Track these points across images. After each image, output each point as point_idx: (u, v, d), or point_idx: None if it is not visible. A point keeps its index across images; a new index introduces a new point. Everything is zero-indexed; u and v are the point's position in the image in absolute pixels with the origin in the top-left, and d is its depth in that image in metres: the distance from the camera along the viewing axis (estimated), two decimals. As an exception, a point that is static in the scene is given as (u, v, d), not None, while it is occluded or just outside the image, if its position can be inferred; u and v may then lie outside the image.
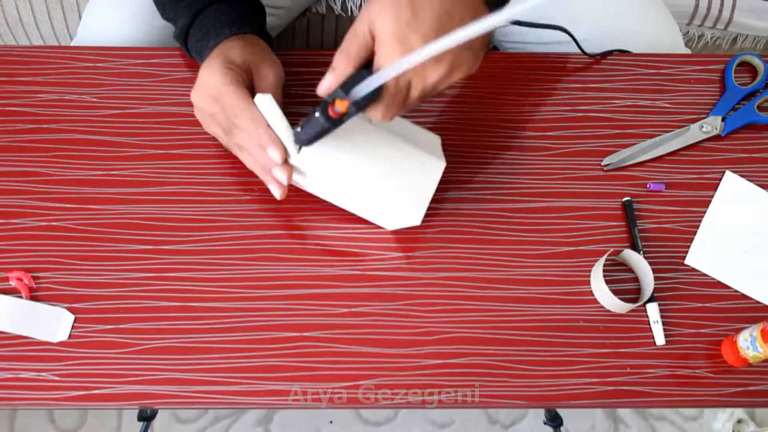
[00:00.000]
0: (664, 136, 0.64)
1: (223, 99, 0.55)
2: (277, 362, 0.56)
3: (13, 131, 0.63)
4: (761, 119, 0.65)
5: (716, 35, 0.99)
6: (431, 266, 0.60)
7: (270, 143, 0.54)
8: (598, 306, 0.59)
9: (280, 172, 0.55)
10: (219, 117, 0.56)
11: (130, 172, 0.62)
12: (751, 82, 0.68)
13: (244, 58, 0.57)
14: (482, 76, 0.67)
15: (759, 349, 0.53)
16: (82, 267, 0.59)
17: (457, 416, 1.23)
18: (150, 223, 0.60)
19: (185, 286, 0.58)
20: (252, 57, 0.58)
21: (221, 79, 0.55)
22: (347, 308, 0.58)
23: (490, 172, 0.63)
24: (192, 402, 0.55)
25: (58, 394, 0.55)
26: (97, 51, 0.67)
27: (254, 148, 0.55)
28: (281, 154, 0.54)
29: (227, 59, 0.56)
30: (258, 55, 0.58)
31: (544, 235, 0.61)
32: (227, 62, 0.56)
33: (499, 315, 0.58)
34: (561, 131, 0.65)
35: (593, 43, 0.73)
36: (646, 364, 0.57)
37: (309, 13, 0.92)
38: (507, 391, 0.56)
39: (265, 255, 0.60)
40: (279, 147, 0.54)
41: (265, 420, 1.21)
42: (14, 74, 0.66)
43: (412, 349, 0.57)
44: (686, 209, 0.63)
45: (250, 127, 0.54)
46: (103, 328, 0.57)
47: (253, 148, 0.55)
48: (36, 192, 0.61)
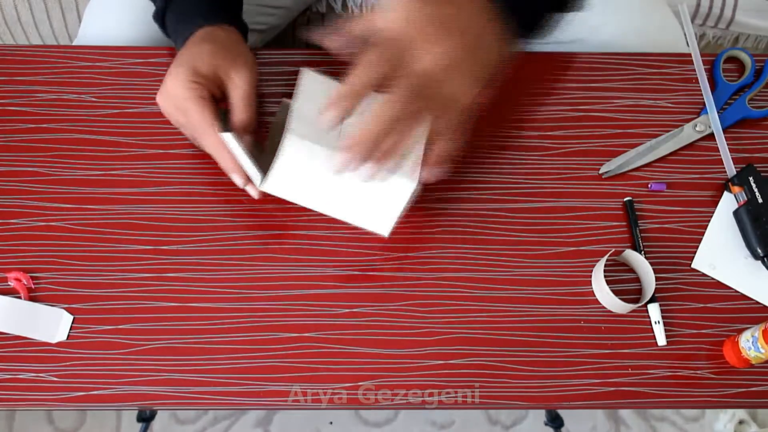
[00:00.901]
0: (659, 139, 0.64)
1: (189, 114, 0.55)
2: (277, 363, 0.56)
3: (12, 131, 0.63)
4: (754, 113, 0.65)
5: (718, 35, 0.99)
6: (431, 266, 0.60)
7: (232, 172, 0.55)
8: (599, 306, 0.59)
9: (250, 189, 0.57)
10: (185, 127, 0.57)
11: (129, 172, 0.62)
12: (739, 77, 0.67)
13: (213, 67, 0.55)
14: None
15: (761, 349, 0.53)
16: (81, 267, 0.59)
17: (457, 417, 1.23)
18: (149, 223, 0.60)
19: (185, 286, 0.58)
20: (222, 62, 0.55)
21: (185, 93, 0.54)
22: (347, 308, 0.58)
23: (491, 172, 0.63)
24: (191, 403, 0.55)
25: (57, 395, 0.55)
26: (97, 51, 0.67)
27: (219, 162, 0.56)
28: (243, 181, 0.56)
29: (194, 70, 0.54)
30: (229, 59, 0.56)
31: (545, 235, 0.61)
32: (193, 74, 0.54)
33: (500, 315, 0.58)
34: (561, 131, 0.65)
35: (593, 42, 0.73)
36: (647, 364, 0.57)
37: (309, 12, 0.92)
38: (507, 391, 0.56)
39: (265, 255, 0.59)
40: (241, 175, 0.55)
41: (265, 421, 1.21)
42: (13, 74, 0.65)
43: (412, 350, 0.57)
44: (688, 209, 0.62)
45: (212, 151, 0.55)
46: (102, 329, 0.57)
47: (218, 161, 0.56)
48: (35, 192, 0.61)
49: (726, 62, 0.68)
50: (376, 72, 0.47)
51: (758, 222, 0.60)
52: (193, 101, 0.54)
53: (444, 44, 0.47)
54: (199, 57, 0.55)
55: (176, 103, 0.55)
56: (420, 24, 0.47)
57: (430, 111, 0.49)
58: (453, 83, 0.48)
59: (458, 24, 0.48)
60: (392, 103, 0.47)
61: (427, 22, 0.47)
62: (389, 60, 0.47)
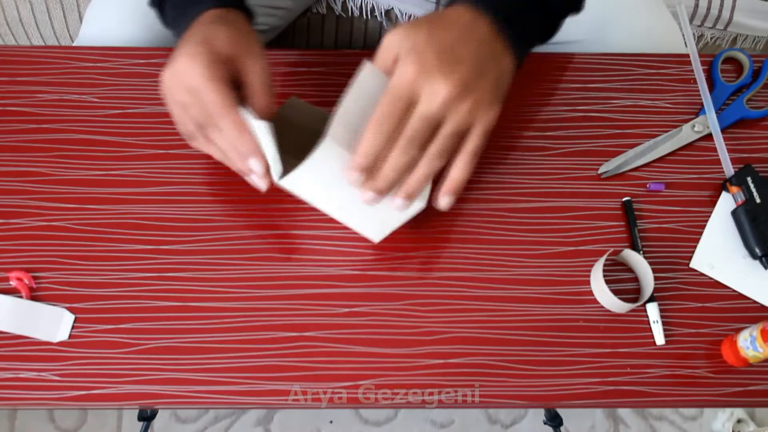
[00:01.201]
0: (657, 139, 0.64)
1: (202, 95, 0.50)
2: (277, 362, 0.56)
3: (13, 131, 0.63)
4: (752, 114, 0.65)
5: (716, 35, 0.99)
6: (431, 266, 0.60)
7: (252, 155, 0.52)
8: (598, 306, 0.59)
9: (257, 182, 0.53)
10: (192, 110, 0.52)
11: (130, 172, 0.62)
12: (737, 78, 0.68)
13: (230, 50, 0.52)
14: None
15: (759, 348, 0.53)
16: (82, 267, 0.59)
17: (457, 416, 1.23)
18: (150, 223, 0.60)
19: (185, 286, 0.58)
20: (237, 47, 0.52)
21: (204, 71, 0.50)
22: (347, 308, 0.58)
23: (490, 172, 0.63)
24: (192, 402, 0.55)
25: (58, 394, 0.55)
26: (97, 51, 0.67)
27: (231, 151, 0.52)
28: (263, 167, 0.52)
29: (212, 50, 0.51)
30: (243, 45, 0.53)
31: (544, 234, 0.61)
32: (212, 53, 0.50)
33: (499, 315, 0.58)
34: (560, 131, 0.65)
35: (593, 43, 0.73)
36: (645, 363, 0.57)
37: (309, 13, 0.92)
38: (507, 390, 0.56)
39: (265, 255, 0.60)
40: (261, 160, 0.52)
41: (265, 420, 1.21)
42: (14, 74, 0.66)
43: (412, 349, 0.57)
44: (686, 209, 0.63)
45: (233, 133, 0.51)
46: (103, 328, 0.57)
47: (229, 151, 0.53)
48: (36, 192, 0.61)
49: (724, 63, 0.68)
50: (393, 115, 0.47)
51: (756, 222, 0.60)
52: (212, 81, 0.50)
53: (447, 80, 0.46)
54: (217, 38, 0.52)
55: (187, 82, 0.51)
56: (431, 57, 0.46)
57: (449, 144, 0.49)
58: (471, 109, 0.48)
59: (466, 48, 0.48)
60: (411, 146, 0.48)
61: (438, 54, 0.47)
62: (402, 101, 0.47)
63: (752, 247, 0.60)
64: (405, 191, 0.50)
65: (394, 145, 0.48)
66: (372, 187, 0.49)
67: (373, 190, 0.49)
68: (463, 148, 0.49)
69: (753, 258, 0.61)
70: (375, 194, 0.50)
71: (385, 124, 0.47)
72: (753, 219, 0.60)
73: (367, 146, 0.48)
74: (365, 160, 0.48)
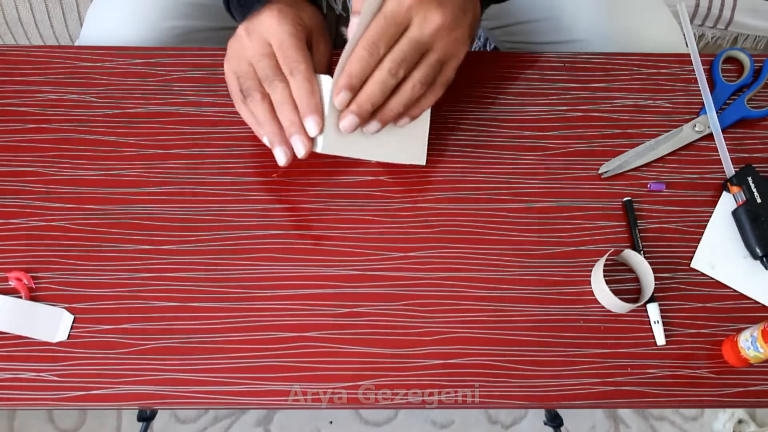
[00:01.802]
0: (658, 139, 0.64)
1: (285, 47, 0.51)
2: (277, 362, 0.56)
3: (13, 131, 0.63)
4: (753, 114, 0.65)
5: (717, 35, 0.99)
6: (431, 266, 0.60)
7: (313, 112, 0.51)
8: (599, 306, 0.59)
9: (300, 142, 0.52)
10: (263, 62, 0.52)
11: (129, 172, 0.62)
12: (738, 78, 0.68)
13: (312, 23, 0.54)
14: (482, 76, 0.67)
15: (760, 349, 0.53)
16: (82, 267, 0.59)
17: (457, 416, 1.23)
18: (150, 223, 0.60)
19: (185, 286, 0.58)
20: (315, 23, 0.55)
21: (290, 29, 0.51)
22: (347, 308, 0.58)
23: (490, 172, 0.63)
24: (192, 402, 0.55)
25: (57, 395, 0.55)
26: (97, 51, 0.67)
27: (286, 104, 0.52)
28: (318, 126, 0.51)
29: (298, 15, 0.53)
30: (319, 23, 0.56)
31: (545, 235, 0.61)
32: (299, 17, 0.53)
33: (499, 315, 0.58)
34: (560, 131, 0.65)
35: (593, 43, 0.73)
36: (646, 364, 0.57)
37: (309, 13, 0.92)
38: (507, 391, 0.56)
39: (265, 255, 0.60)
40: (320, 118, 0.51)
41: (265, 420, 1.21)
42: (14, 74, 0.66)
43: (412, 350, 0.57)
44: (687, 209, 0.63)
45: (305, 86, 0.51)
46: (103, 328, 0.57)
47: (284, 104, 0.52)
48: (35, 192, 0.61)
49: (725, 62, 0.68)
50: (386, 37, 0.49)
51: (757, 222, 0.60)
52: (295, 37, 0.51)
53: (442, 10, 0.50)
54: (303, 10, 0.54)
55: (269, 36, 0.52)
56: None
57: (432, 72, 0.51)
58: (455, 41, 0.51)
59: None
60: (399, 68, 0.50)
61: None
62: (396, 26, 0.49)
63: (753, 247, 0.60)
64: (383, 117, 0.52)
65: (381, 66, 0.50)
66: (356, 108, 0.50)
67: (356, 113, 0.50)
68: (438, 78, 0.52)
69: (754, 258, 0.61)
70: (357, 117, 0.51)
71: (375, 46, 0.49)
72: (754, 219, 0.60)
73: (356, 66, 0.49)
74: (354, 81, 0.49)
